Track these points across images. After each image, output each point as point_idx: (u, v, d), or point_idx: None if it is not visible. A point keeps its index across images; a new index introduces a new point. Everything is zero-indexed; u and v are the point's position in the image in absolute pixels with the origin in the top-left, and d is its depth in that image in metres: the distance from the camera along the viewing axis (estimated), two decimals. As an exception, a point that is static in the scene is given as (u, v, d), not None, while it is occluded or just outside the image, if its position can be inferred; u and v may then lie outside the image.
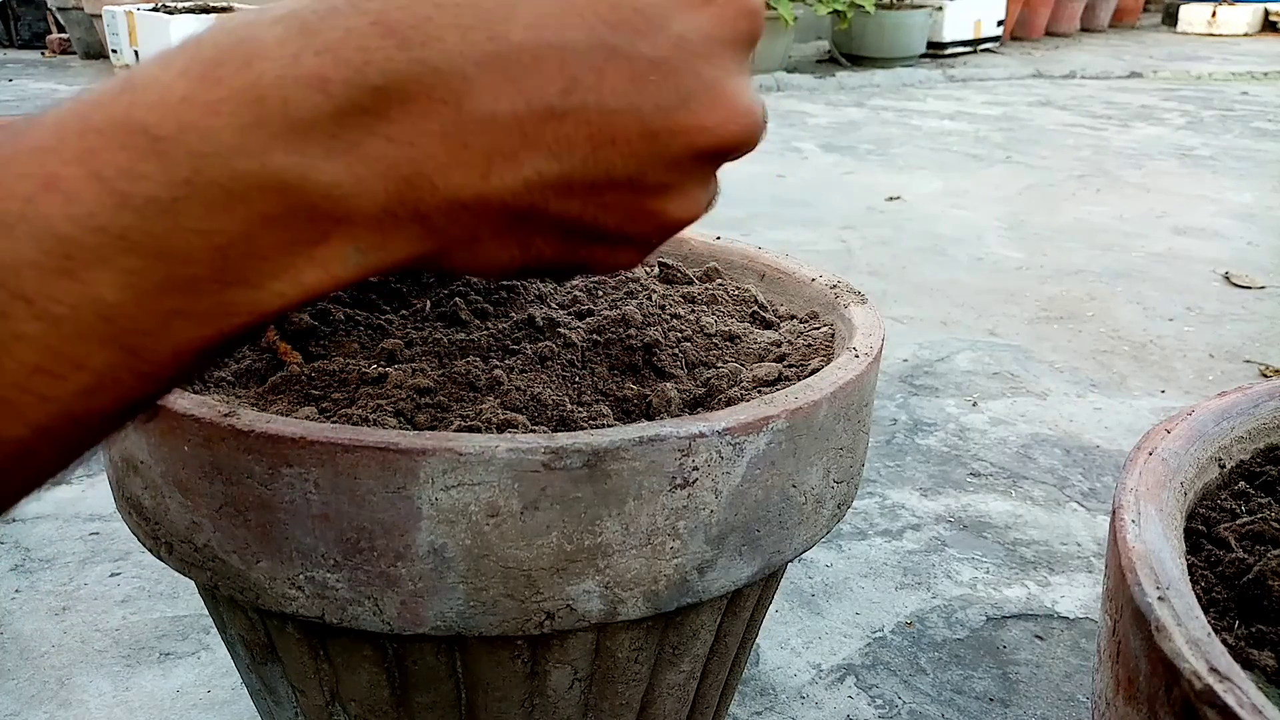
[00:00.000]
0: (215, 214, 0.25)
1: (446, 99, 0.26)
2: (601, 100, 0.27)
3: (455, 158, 0.27)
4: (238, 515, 0.48)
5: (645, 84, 0.27)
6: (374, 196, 0.26)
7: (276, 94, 0.25)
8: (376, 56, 0.25)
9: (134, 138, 0.24)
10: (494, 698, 0.54)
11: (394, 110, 0.26)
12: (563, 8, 0.27)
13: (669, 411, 0.55)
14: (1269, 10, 7.76)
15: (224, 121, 0.25)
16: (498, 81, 0.26)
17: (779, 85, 4.86)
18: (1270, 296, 2.02)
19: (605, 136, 0.28)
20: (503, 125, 0.27)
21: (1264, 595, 0.37)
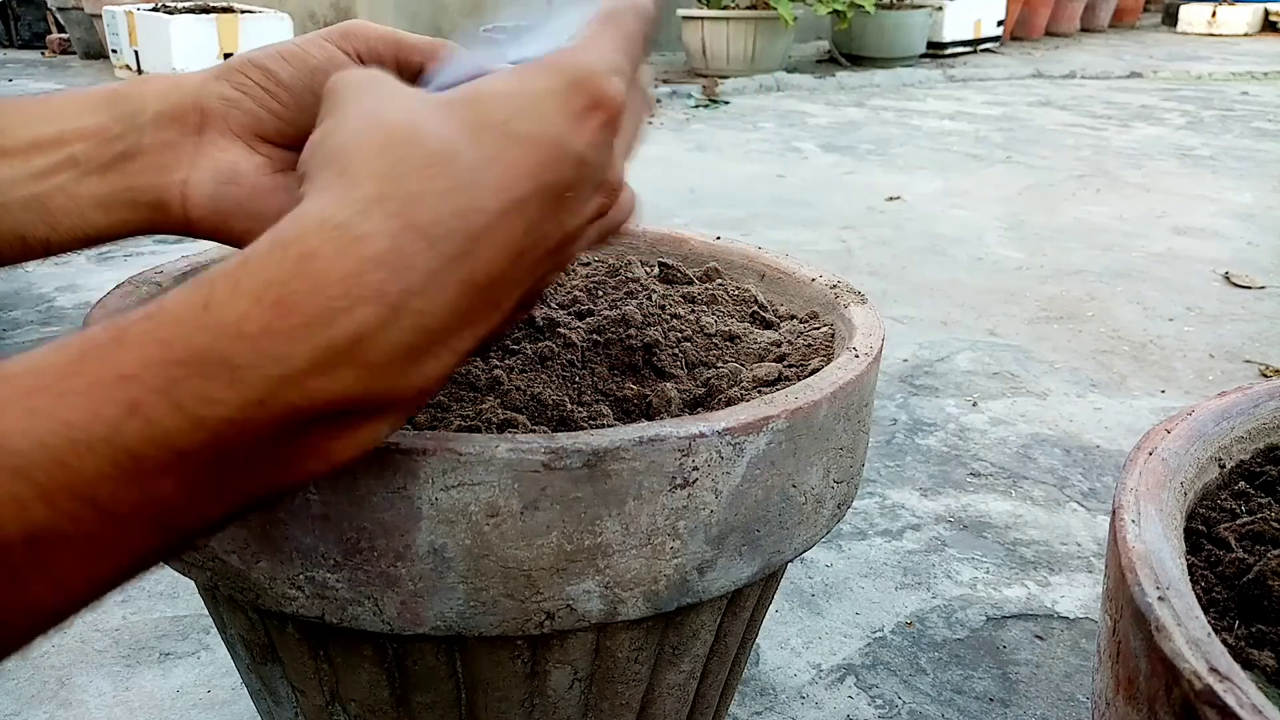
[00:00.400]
0: (281, 427, 0.28)
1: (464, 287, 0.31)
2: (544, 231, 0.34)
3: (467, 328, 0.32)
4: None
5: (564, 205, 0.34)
6: (412, 384, 0.30)
7: (348, 320, 0.28)
8: (415, 260, 0.29)
9: (213, 369, 0.26)
10: (494, 698, 0.54)
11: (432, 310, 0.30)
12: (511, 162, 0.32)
13: (669, 411, 0.55)
14: (1269, 10, 7.76)
15: (299, 347, 0.27)
16: (490, 253, 0.31)
17: (779, 85, 4.86)
18: (1270, 296, 2.02)
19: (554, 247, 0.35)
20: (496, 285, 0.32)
21: (1264, 595, 0.37)
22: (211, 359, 0.26)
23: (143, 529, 0.26)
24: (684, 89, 4.55)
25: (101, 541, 0.26)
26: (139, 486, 0.26)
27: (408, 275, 0.29)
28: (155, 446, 0.26)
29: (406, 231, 0.29)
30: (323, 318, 0.27)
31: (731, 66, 5.03)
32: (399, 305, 0.28)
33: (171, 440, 0.26)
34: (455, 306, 0.30)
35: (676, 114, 4.11)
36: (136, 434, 0.25)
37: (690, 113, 4.17)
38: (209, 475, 0.27)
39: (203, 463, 0.26)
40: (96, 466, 0.25)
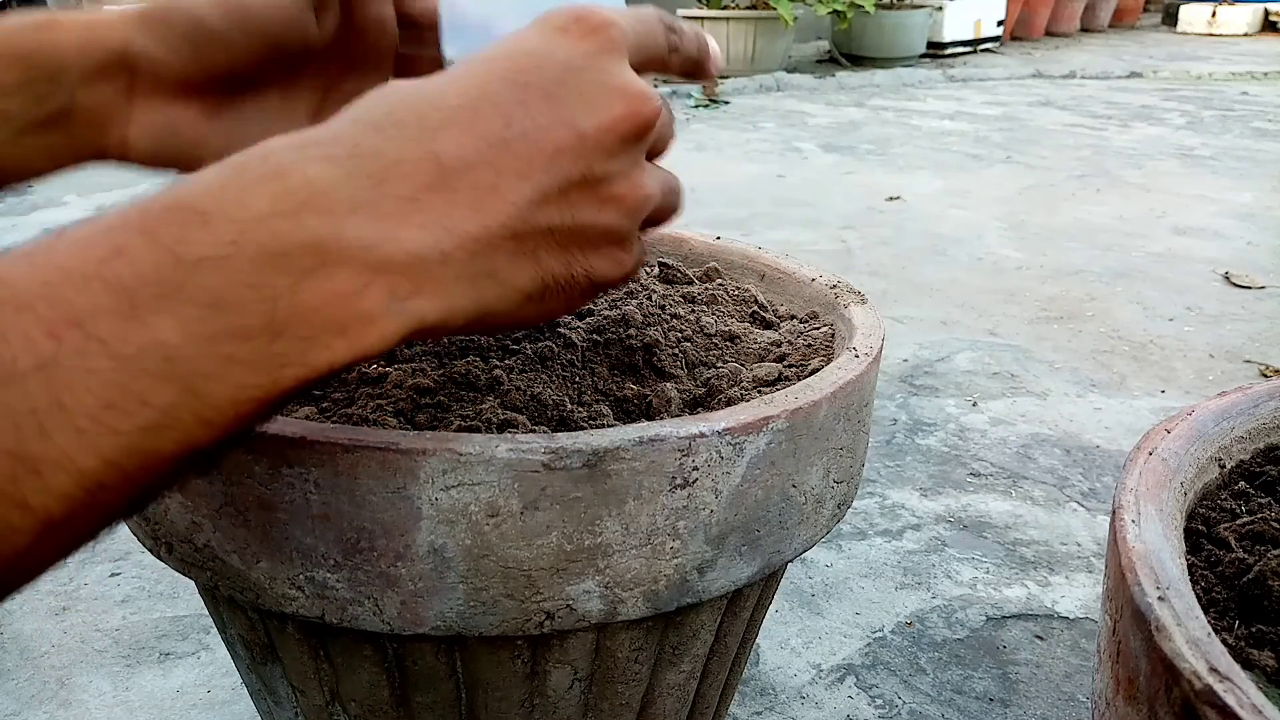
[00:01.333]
0: (260, 269, 0.29)
1: (424, 159, 0.32)
2: (535, 122, 0.34)
3: (452, 201, 0.33)
4: (238, 515, 0.48)
5: (559, 101, 0.35)
6: (400, 244, 0.31)
7: (296, 172, 0.30)
8: (363, 140, 0.32)
9: (184, 213, 0.29)
10: (494, 698, 0.54)
11: (390, 174, 0.32)
12: (477, 73, 0.35)
13: (669, 411, 0.55)
14: (1269, 10, 7.76)
15: (257, 195, 0.30)
16: (455, 134, 0.33)
17: (779, 85, 4.86)
18: (1270, 296, 2.02)
19: (550, 149, 0.34)
20: (474, 166, 0.33)
21: (1264, 595, 0.37)
22: (181, 205, 0.29)
23: (153, 375, 0.27)
24: (684, 89, 4.55)
25: (113, 383, 0.27)
26: (138, 323, 0.27)
27: (354, 149, 0.32)
28: (142, 281, 0.27)
29: (354, 124, 0.32)
30: (275, 174, 0.30)
31: (731, 66, 5.03)
32: (351, 168, 0.31)
33: (158, 274, 0.28)
34: (420, 178, 0.32)
35: (676, 114, 4.11)
36: (127, 270, 0.27)
37: (690, 113, 4.17)
38: (208, 323, 0.28)
39: (196, 303, 0.28)
40: (94, 300, 0.27)
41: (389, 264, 0.31)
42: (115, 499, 0.28)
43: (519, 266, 0.35)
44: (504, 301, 0.35)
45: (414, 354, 0.59)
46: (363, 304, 0.31)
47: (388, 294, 0.31)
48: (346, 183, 0.31)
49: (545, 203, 0.35)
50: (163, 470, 0.29)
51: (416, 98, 0.33)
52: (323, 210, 0.30)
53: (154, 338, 0.27)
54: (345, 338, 0.31)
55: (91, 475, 0.27)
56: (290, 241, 0.29)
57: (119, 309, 0.27)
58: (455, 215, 0.33)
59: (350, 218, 0.30)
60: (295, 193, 0.30)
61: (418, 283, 0.32)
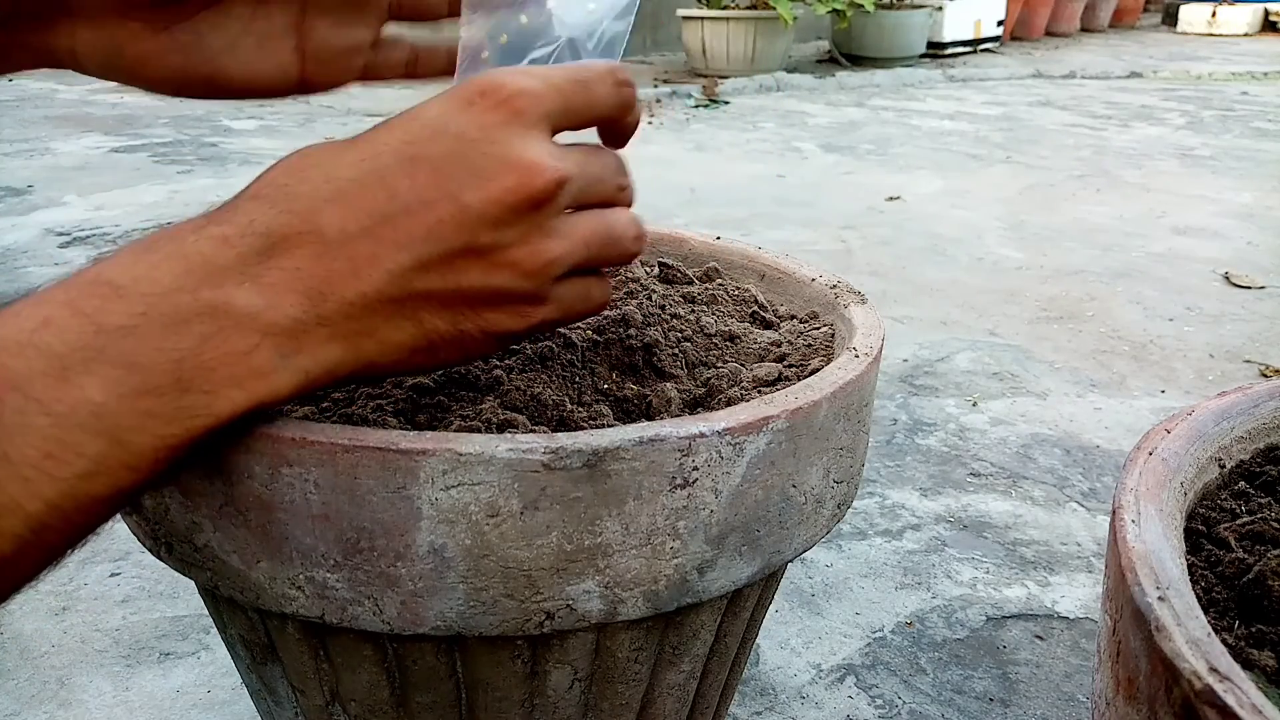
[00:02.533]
0: (166, 334, 0.34)
1: (308, 232, 0.36)
2: (419, 196, 0.37)
3: (331, 271, 0.36)
4: (238, 515, 0.48)
5: (446, 175, 0.37)
6: (282, 310, 0.36)
7: (195, 251, 0.35)
8: (257, 216, 0.36)
9: (102, 288, 0.33)
10: (494, 698, 0.54)
11: (277, 250, 0.36)
12: (376, 143, 0.37)
13: (669, 411, 0.55)
14: (1269, 10, 7.76)
15: (162, 273, 0.34)
16: (342, 210, 0.36)
17: (779, 85, 4.86)
18: (1270, 296, 2.02)
19: (431, 221, 0.37)
20: (355, 238, 0.36)
21: (1264, 595, 0.37)
22: (101, 282, 0.34)
23: (85, 430, 0.32)
24: (684, 89, 4.55)
25: (51, 437, 0.31)
26: (69, 384, 0.31)
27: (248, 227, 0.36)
28: (69, 347, 0.32)
29: (253, 200, 0.37)
30: (178, 254, 0.35)
31: (731, 66, 5.03)
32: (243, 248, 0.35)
33: (82, 340, 0.32)
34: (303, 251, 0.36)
35: (676, 114, 4.11)
36: (55, 338, 0.32)
37: (690, 113, 4.17)
38: (126, 382, 0.32)
39: (115, 365, 0.32)
40: (29, 365, 0.31)
41: (273, 327, 0.35)
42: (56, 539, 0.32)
43: (398, 326, 0.38)
44: (386, 356, 0.39)
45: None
46: (254, 361, 0.35)
47: (275, 352, 0.36)
48: (237, 260, 0.35)
49: (424, 270, 0.37)
50: (97, 511, 0.33)
51: (313, 170, 0.37)
52: (216, 284, 0.35)
53: (83, 396, 0.32)
54: (242, 389, 0.35)
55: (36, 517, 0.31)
56: (189, 311, 0.34)
57: (51, 372, 0.31)
58: (333, 283, 0.36)
59: (238, 289, 0.35)
60: (194, 270, 0.34)
61: (299, 342, 0.36)
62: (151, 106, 4.01)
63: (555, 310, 0.42)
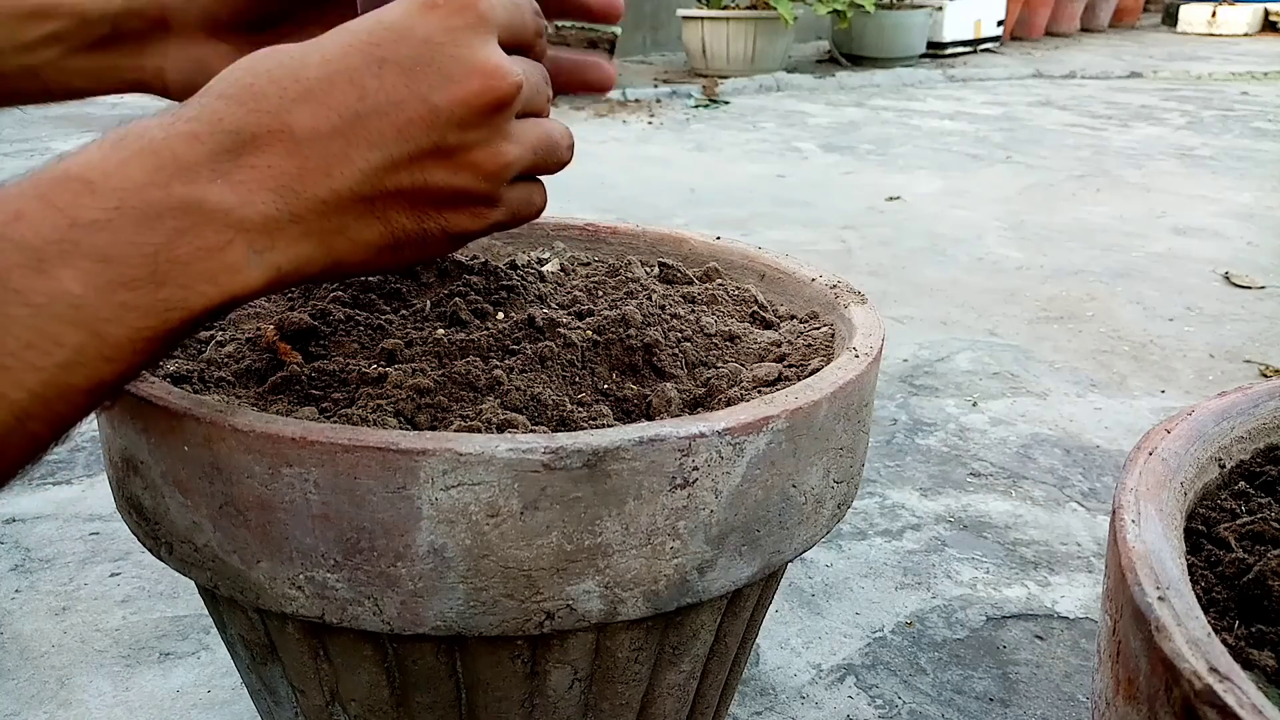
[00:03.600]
0: (140, 229, 0.34)
1: (279, 130, 0.36)
2: (389, 97, 0.37)
3: (303, 168, 0.37)
4: (238, 515, 0.48)
5: (414, 76, 0.37)
6: (255, 207, 0.36)
7: (166, 148, 0.35)
8: (226, 115, 0.36)
9: (74, 183, 0.34)
10: (494, 698, 0.54)
11: (247, 147, 0.36)
12: (339, 44, 0.38)
13: (669, 411, 0.55)
14: (1269, 10, 7.76)
15: (134, 168, 0.35)
16: (312, 108, 0.37)
17: (779, 85, 4.85)
18: (1270, 296, 2.02)
19: (402, 121, 0.38)
20: (327, 136, 0.37)
21: (1264, 595, 0.37)
22: (72, 177, 0.34)
23: (63, 321, 0.32)
24: (684, 89, 4.55)
25: (31, 327, 0.32)
26: (45, 276, 0.32)
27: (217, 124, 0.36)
28: (44, 240, 0.32)
29: (219, 99, 0.37)
30: (149, 149, 0.35)
31: (731, 66, 5.03)
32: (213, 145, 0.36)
33: (57, 234, 0.32)
34: (274, 149, 0.36)
35: (676, 114, 4.11)
36: (28, 231, 0.32)
37: (690, 113, 4.17)
38: (102, 275, 0.33)
39: (90, 258, 0.33)
40: (5, 258, 0.32)
41: (246, 223, 0.36)
42: (41, 429, 0.33)
43: (367, 224, 0.39)
44: (355, 254, 0.40)
45: (414, 354, 0.59)
46: (227, 257, 0.36)
47: (248, 248, 0.36)
48: (208, 157, 0.35)
49: (394, 169, 0.38)
50: (79, 402, 0.34)
51: (279, 70, 0.37)
52: (188, 180, 0.35)
53: (61, 289, 0.32)
54: (215, 284, 0.36)
55: (20, 405, 0.32)
56: (163, 205, 0.34)
57: (28, 264, 0.32)
58: (306, 181, 0.37)
59: (210, 185, 0.35)
60: (165, 166, 0.35)
61: (272, 238, 0.37)
62: (151, 107, 4.00)
63: (505, 213, 0.44)
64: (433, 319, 0.64)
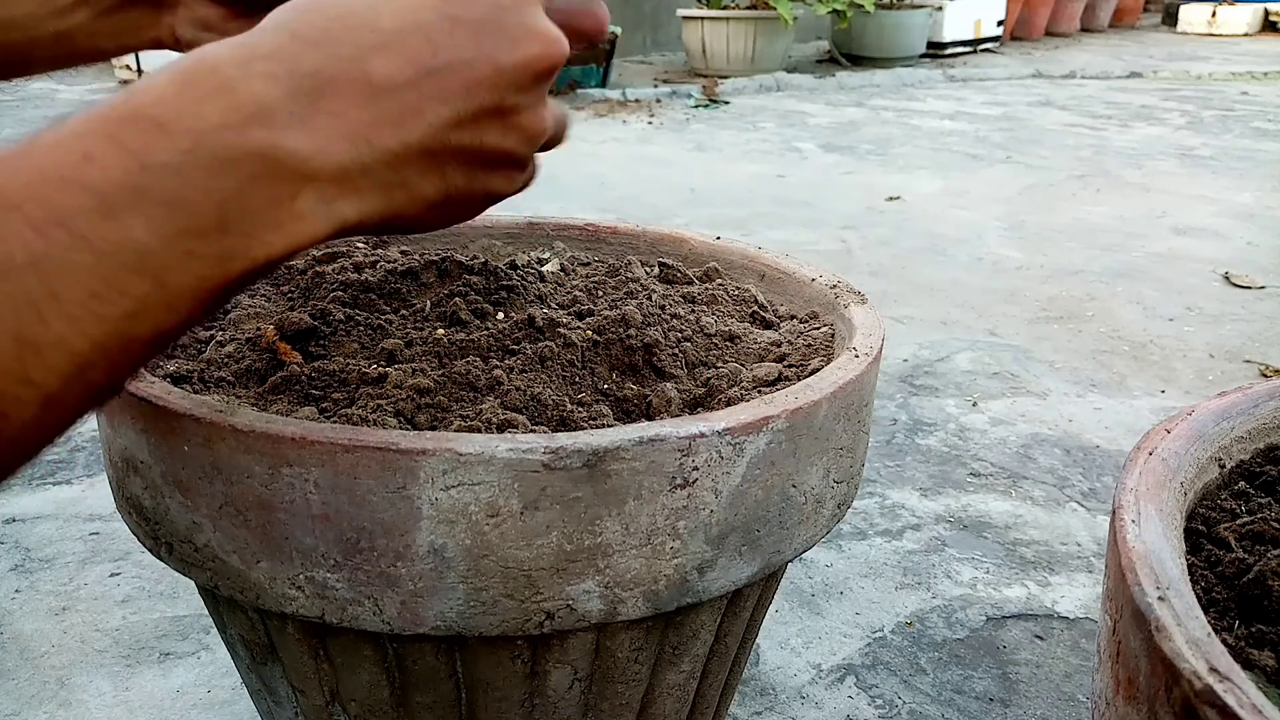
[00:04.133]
0: (212, 174, 0.33)
1: (357, 78, 0.36)
2: (460, 54, 0.37)
3: (378, 118, 0.36)
4: (238, 515, 0.48)
5: (483, 36, 0.38)
6: (330, 155, 0.35)
7: (245, 88, 0.34)
8: (302, 57, 0.35)
9: (144, 123, 0.32)
10: (494, 698, 0.54)
11: (325, 92, 0.35)
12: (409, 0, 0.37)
13: (669, 411, 0.55)
14: (1269, 10, 7.76)
15: (208, 109, 0.33)
16: (386, 58, 0.36)
17: (779, 85, 4.85)
18: (1270, 296, 2.02)
19: (471, 79, 0.38)
20: (402, 87, 0.37)
21: (1264, 595, 0.37)
22: (141, 116, 0.32)
23: (129, 269, 0.31)
24: (684, 89, 4.55)
25: (97, 275, 0.31)
26: (113, 221, 0.31)
27: (293, 66, 0.35)
28: (114, 185, 0.31)
29: (294, 39, 0.36)
30: (224, 88, 0.34)
31: (731, 66, 5.03)
32: (291, 86, 0.35)
33: (127, 178, 0.31)
34: (351, 97, 0.36)
35: (676, 114, 4.11)
36: (97, 174, 0.31)
37: (690, 113, 4.17)
38: (170, 222, 0.32)
39: (160, 204, 0.32)
40: (73, 201, 0.30)
41: (319, 173, 0.35)
42: (101, 378, 0.32)
43: (428, 179, 0.39)
44: (412, 207, 0.40)
45: (414, 354, 0.59)
46: (296, 206, 0.35)
47: (317, 198, 0.36)
48: (286, 100, 0.34)
49: (459, 126, 0.38)
50: (139, 352, 0.33)
51: (353, 18, 0.36)
52: (266, 124, 0.34)
53: (128, 236, 0.31)
54: (282, 233, 0.35)
55: (83, 355, 0.31)
56: (238, 150, 0.33)
57: (97, 209, 0.31)
58: (379, 132, 0.36)
59: (288, 131, 0.34)
60: (242, 107, 0.34)
61: (342, 189, 0.36)
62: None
63: (526, 178, 0.44)
64: (433, 319, 0.64)
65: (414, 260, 0.69)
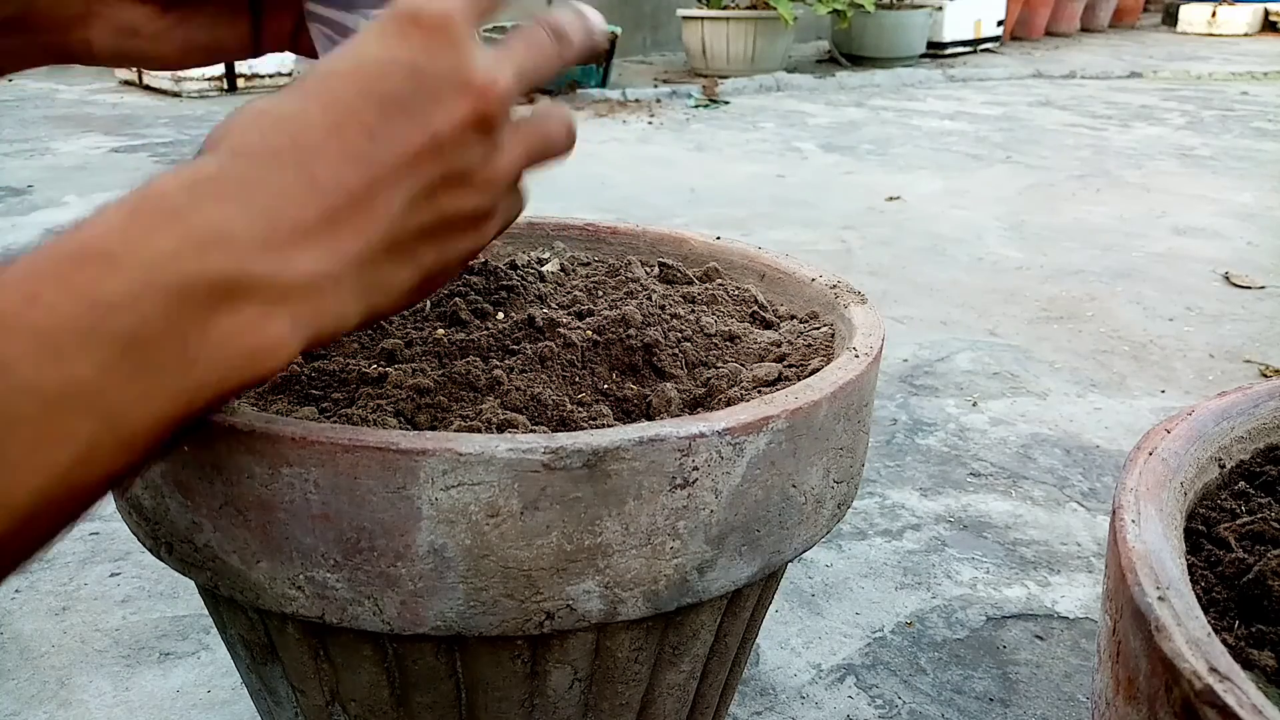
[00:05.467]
0: (171, 307, 0.31)
1: (307, 188, 0.34)
2: (395, 133, 0.36)
3: (335, 225, 0.35)
4: (238, 515, 0.48)
5: (411, 107, 0.36)
6: (296, 273, 0.34)
7: (196, 215, 0.32)
8: (249, 175, 0.33)
9: (93, 258, 0.30)
10: (494, 698, 0.54)
11: (278, 207, 0.33)
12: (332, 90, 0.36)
13: (669, 411, 0.55)
14: (1269, 10, 7.76)
15: (161, 238, 0.31)
16: (328, 160, 0.35)
17: (779, 85, 4.85)
18: (1270, 296, 2.02)
19: (412, 156, 0.36)
20: (351, 187, 0.35)
21: (1264, 595, 0.37)
22: (91, 251, 0.30)
23: (78, 413, 0.30)
24: (684, 89, 4.55)
25: (39, 425, 0.29)
26: (57, 366, 0.29)
27: (242, 184, 0.33)
28: (63, 327, 0.29)
29: (235, 157, 0.34)
30: (174, 214, 0.32)
31: (731, 66, 5.03)
32: (245, 204, 0.33)
33: (75, 317, 0.29)
34: (305, 207, 0.34)
35: (676, 114, 4.11)
36: (42, 317, 0.29)
37: (690, 113, 4.17)
38: (124, 360, 0.30)
39: (109, 342, 0.30)
40: (16, 347, 0.29)
41: (289, 293, 0.34)
42: (48, 525, 0.30)
43: (401, 269, 0.38)
44: (390, 300, 0.39)
45: (414, 354, 0.59)
46: (268, 329, 0.33)
47: (289, 320, 0.34)
48: (242, 221, 0.33)
49: (415, 207, 0.37)
50: (90, 494, 0.31)
51: (287, 123, 0.35)
52: (224, 249, 0.32)
53: (74, 375, 0.29)
54: (253, 360, 0.33)
55: (25, 508, 0.29)
56: (198, 279, 0.31)
57: (42, 352, 0.29)
58: (340, 238, 0.35)
59: (248, 254, 0.32)
60: (196, 234, 0.32)
61: (315, 304, 0.35)
62: (151, 107, 4.01)
63: (499, 223, 0.42)
64: (433, 319, 0.64)
65: (414, 260, 0.69)
